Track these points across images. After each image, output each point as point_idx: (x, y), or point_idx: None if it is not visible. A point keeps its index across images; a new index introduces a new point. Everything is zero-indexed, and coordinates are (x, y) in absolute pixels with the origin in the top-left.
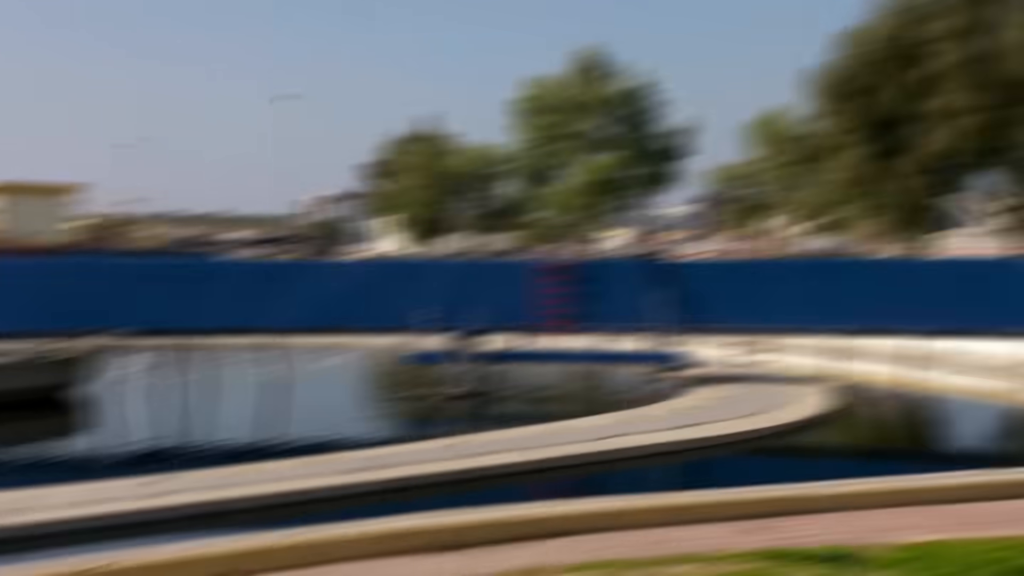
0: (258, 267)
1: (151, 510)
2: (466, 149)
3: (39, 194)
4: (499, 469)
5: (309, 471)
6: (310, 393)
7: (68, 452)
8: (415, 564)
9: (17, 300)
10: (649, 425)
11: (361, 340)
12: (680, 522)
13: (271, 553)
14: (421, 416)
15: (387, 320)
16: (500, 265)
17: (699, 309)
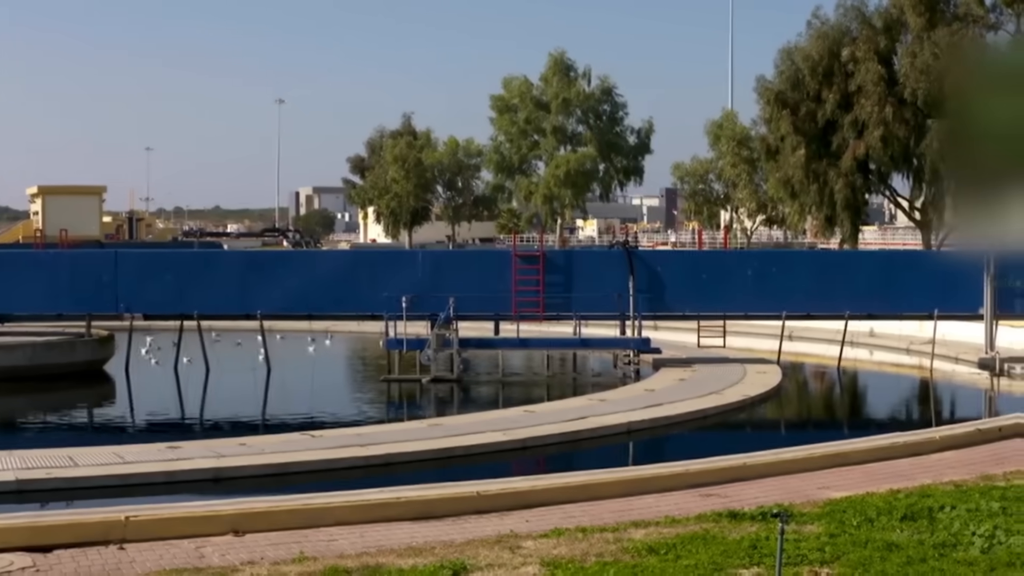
0: (251, 256)
1: (169, 472)
2: (444, 143)
3: (70, 194)
4: (481, 448)
5: (300, 445)
6: (300, 374)
7: (103, 417)
8: (391, 530)
9: (51, 286)
10: (617, 406)
11: (346, 326)
12: (642, 492)
13: (270, 515)
14: (404, 398)
15: (370, 306)
16: (476, 254)
17: (662, 297)
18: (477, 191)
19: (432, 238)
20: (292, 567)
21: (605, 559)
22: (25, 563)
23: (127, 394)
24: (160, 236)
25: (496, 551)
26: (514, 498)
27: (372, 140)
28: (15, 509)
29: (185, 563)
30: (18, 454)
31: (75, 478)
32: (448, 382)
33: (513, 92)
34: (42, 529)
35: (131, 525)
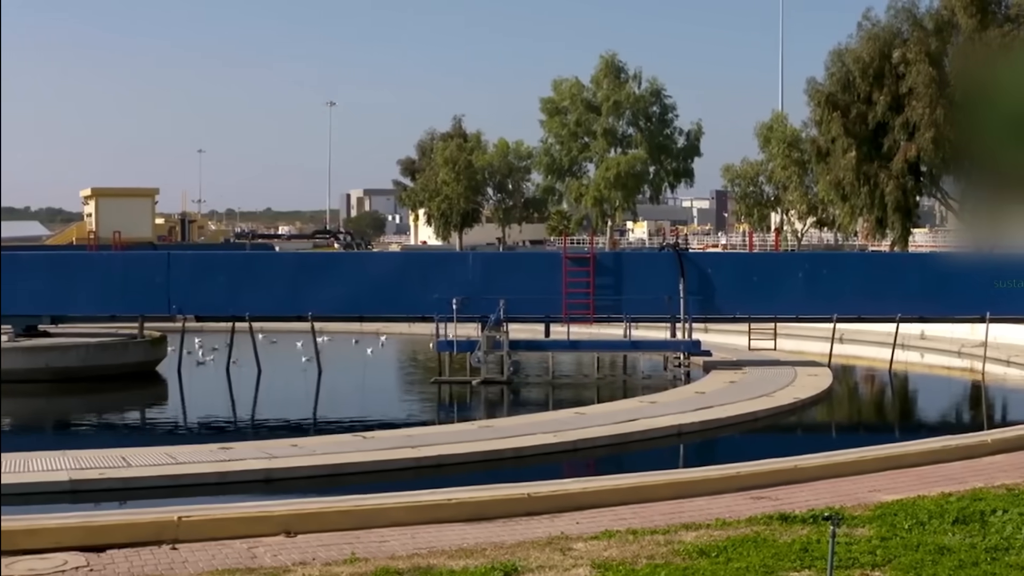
0: (302, 258)
1: (221, 473)
2: (494, 145)
3: (123, 196)
4: (531, 449)
5: (352, 447)
6: (351, 376)
7: (156, 418)
8: (442, 532)
9: (104, 287)
10: (668, 408)
11: (396, 327)
12: (692, 494)
13: (321, 516)
14: (454, 400)
15: (420, 308)
16: (527, 256)
17: (712, 299)
18: (527, 193)
19: (482, 240)
20: (344, 568)
21: (656, 561)
22: (79, 562)
23: (179, 395)
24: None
25: (547, 553)
26: (565, 500)
27: (423, 142)
28: (69, 509)
29: (237, 563)
30: (72, 454)
31: (128, 478)
32: (498, 384)
33: (563, 94)
34: (95, 529)
35: (184, 525)
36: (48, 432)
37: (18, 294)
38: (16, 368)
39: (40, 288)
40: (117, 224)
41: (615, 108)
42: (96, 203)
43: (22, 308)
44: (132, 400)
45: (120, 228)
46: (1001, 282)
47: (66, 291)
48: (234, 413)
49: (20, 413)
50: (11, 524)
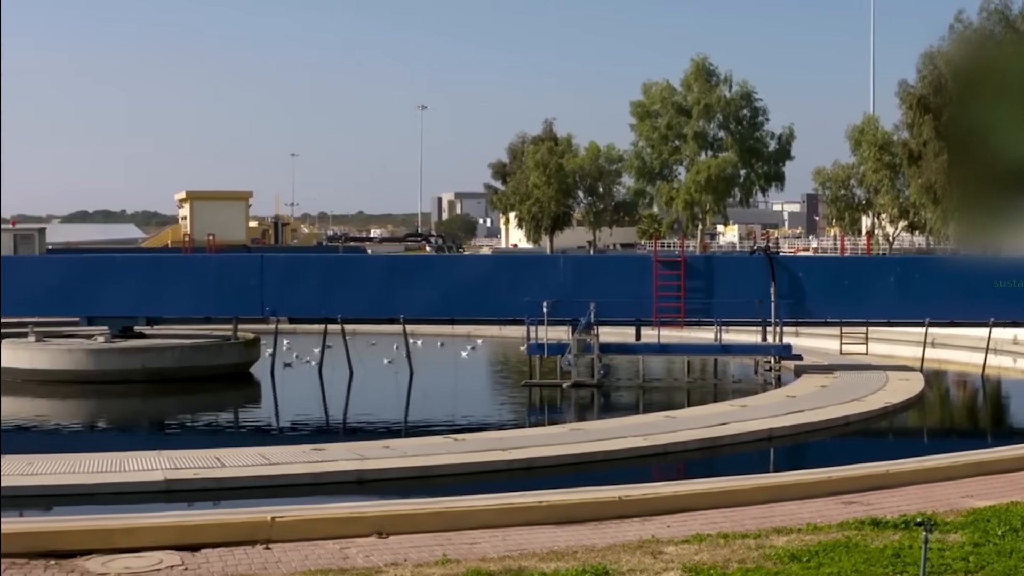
0: (393, 261)
1: (314, 474)
2: (585, 149)
3: (218, 200)
4: (622, 453)
5: (443, 448)
6: (442, 378)
7: (249, 419)
8: (533, 534)
9: (198, 289)
10: (758, 412)
11: (487, 330)
12: (783, 499)
13: (413, 517)
14: (545, 403)
15: (511, 311)
16: (617, 259)
17: (803, 302)
18: (618, 196)
19: (573, 243)
20: (435, 569)
21: (747, 566)
22: (174, 561)
23: (272, 396)
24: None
25: (638, 556)
26: (655, 503)
27: (514, 146)
28: (164, 508)
29: (330, 564)
30: (167, 454)
31: (222, 478)
32: (589, 387)
33: (654, 98)
34: (190, 528)
35: (277, 525)
36: (143, 432)
37: (114, 296)
38: (111, 369)
39: (135, 290)
40: (211, 227)
41: (706, 111)
42: (191, 206)
43: (118, 310)
44: (226, 401)
45: (214, 231)
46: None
47: (161, 293)
48: (326, 414)
49: (116, 413)
50: (108, 523)
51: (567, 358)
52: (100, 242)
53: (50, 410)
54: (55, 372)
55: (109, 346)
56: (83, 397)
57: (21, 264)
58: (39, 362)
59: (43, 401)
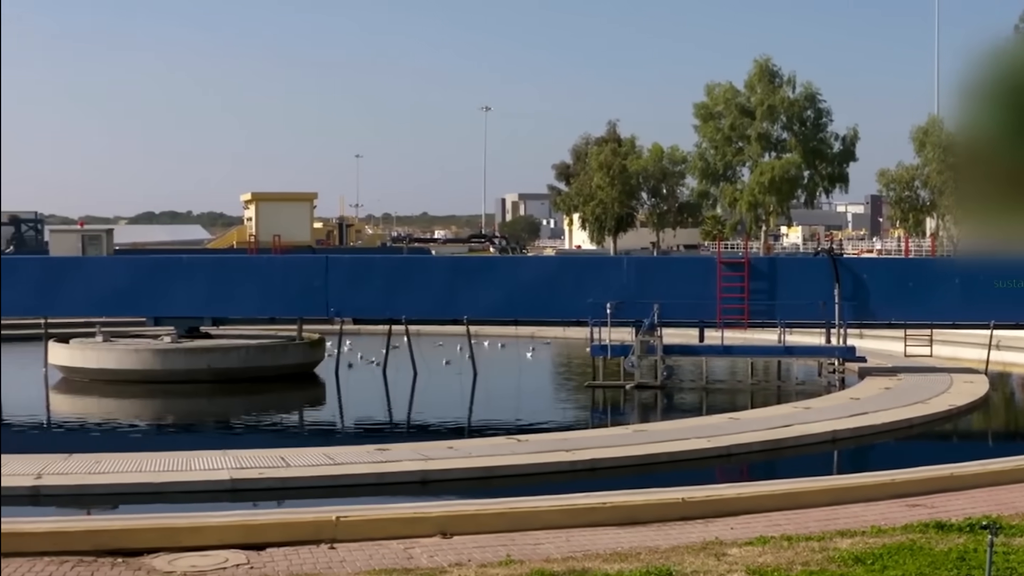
0: (457, 262)
1: (378, 474)
2: (648, 150)
3: (283, 201)
4: (685, 454)
5: (506, 449)
6: (506, 379)
7: (314, 419)
8: (596, 535)
9: (264, 290)
10: (822, 415)
11: (551, 331)
12: (847, 501)
13: (477, 518)
14: (608, 404)
15: (575, 312)
16: (681, 260)
17: (867, 304)
18: (682, 198)
19: (636, 244)
20: (499, 570)
21: (811, 568)
22: (239, 560)
23: (336, 396)
24: (369, 242)
25: (701, 558)
26: (719, 505)
27: (577, 147)
28: (229, 507)
29: (394, 563)
30: (232, 454)
31: (287, 478)
32: (652, 388)
33: (717, 99)
34: (256, 527)
35: (342, 525)
36: (209, 432)
37: (180, 296)
38: (178, 369)
39: (202, 290)
40: (277, 228)
41: (769, 112)
42: (256, 207)
43: (184, 310)
44: (291, 401)
45: (280, 232)
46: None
47: (227, 293)
48: (390, 415)
49: (182, 413)
50: (174, 521)
51: (630, 359)
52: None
53: (117, 409)
54: (122, 372)
55: (175, 346)
56: (150, 397)
57: (89, 265)
58: (106, 362)
59: (110, 400)
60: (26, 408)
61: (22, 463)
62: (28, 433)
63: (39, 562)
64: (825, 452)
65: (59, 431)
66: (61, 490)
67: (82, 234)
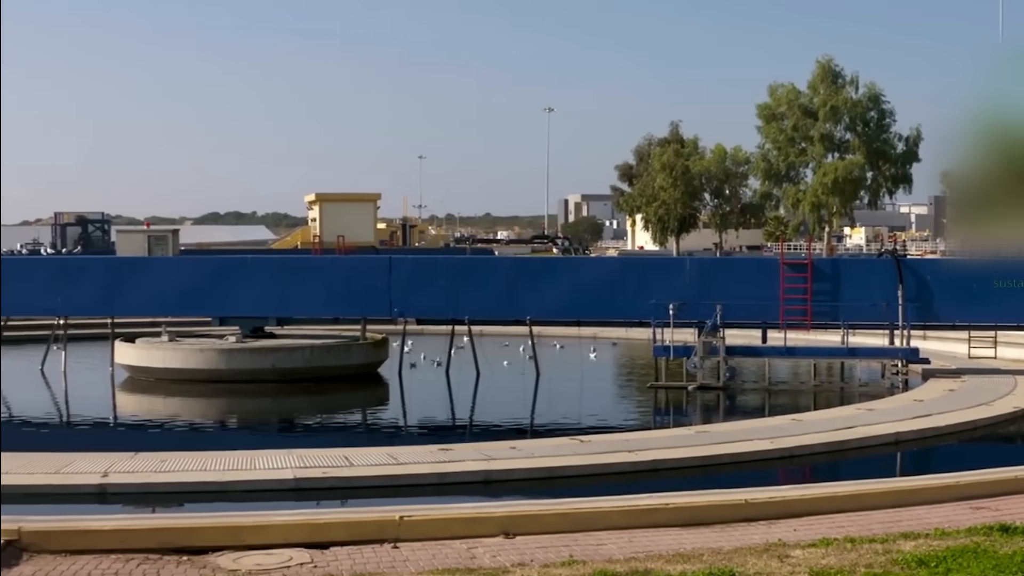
0: (520, 263)
1: (441, 474)
2: (711, 151)
3: (346, 201)
4: (747, 455)
5: (569, 450)
6: (568, 379)
7: (377, 419)
8: (659, 536)
9: (328, 290)
10: (885, 416)
11: (613, 332)
12: (911, 503)
13: (539, 518)
14: (670, 405)
15: (637, 313)
16: (743, 261)
17: (930, 306)
18: (744, 199)
19: (699, 245)
20: (562, 570)
21: (874, 570)
22: (303, 559)
23: (400, 396)
24: (432, 242)
25: (764, 559)
26: (782, 507)
27: (640, 148)
28: (293, 506)
29: (457, 563)
30: (296, 453)
31: (350, 477)
32: (714, 389)
33: (780, 100)
34: (320, 526)
35: (405, 525)
36: (273, 431)
37: (245, 296)
38: (243, 368)
39: (266, 291)
40: (340, 228)
41: (832, 113)
42: (320, 208)
43: (249, 310)
44: (354, 401)
45: (343, 232)
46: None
47: (291, 294)
48: (453, 415)
49: (247, 412)
50: (239, 520)
51: (693, 360)
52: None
53: (182, 409)
54: (188, 371)
55: (240, 346)
56: (215, 396)
57: (155, 265)
58: (172, 361)
59: (176, 400)
60: (93, 407)
61: (89, 461)
62: (95, 432)
63: (106, 559)
64: (888, 454)
65: (125, 430)
66: (127, 488)
67: (148, 235)
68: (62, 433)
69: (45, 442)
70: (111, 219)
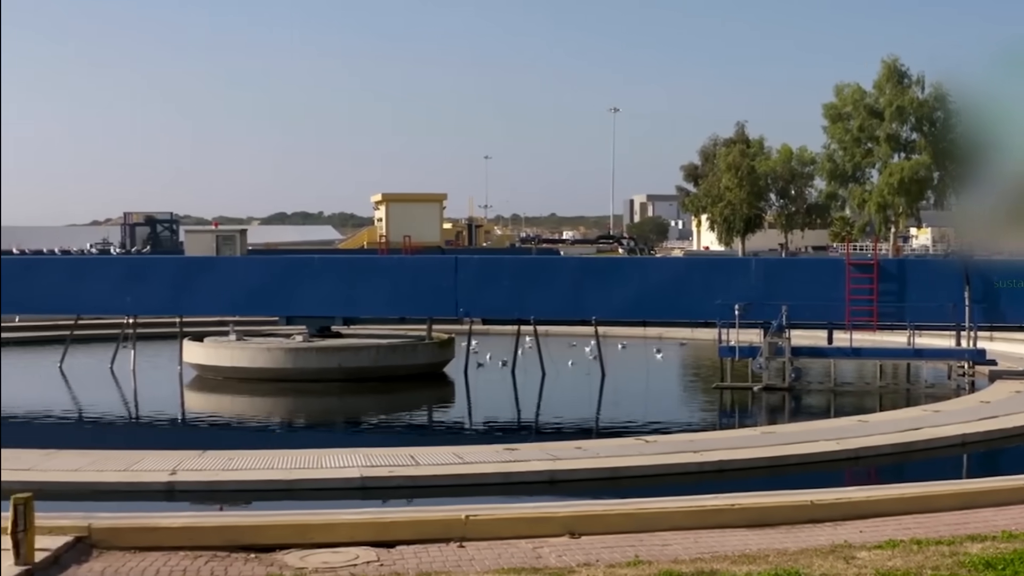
0: (586, 263)
1: (506, 473)
2: (777, 151)
3: (413, 202)
4: (813, 457)
5: (634, 450)
6: (633, 380)
7: (443, 418)
8: (724, 537)
9: (394, 290)
10: (952, 418)
11: (678, 332)
12: (978, 505)
13: (605, 518)
14: (736, 405)
15: (703, 313)
16: (809, 262)
17: (998, 307)
18: (810, 199)
19: (764, 246)
20: (627, 570)
21: (940, 573)
22: (370, 557)
23: (465, 396)
24: (498, 242)
25: (830, 561)
26: (848, 508)
27: (705, 148)
28: (360, 505)
29: (523, 563)
30: (363, 452)
31: (416, 476)
32: (780, 390)
33: (845, 100)
34: (386, 525)
35: (471, 524)
36: (340, 430)
37: (312, 296)
38: (309, 367)
39: (333, 290)
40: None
41: (898, 113)
42: (387, 208)
43: (316, 309)
44: (420, 400)
45: (410, 232)
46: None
47: (358, 293)
48: (519, 414)
49: (313, 411)
50: (306, 518)
51: (758, 361)
52: (298, 243)
53: (250, 407)
54: (255, 370)
55: (307, 345)
56: (281, 395)
57: (223, 265)
58: (240, 360)
59: (243, 398)
60: (161, 405)
61: (157, 459)
62: (163, 430)
63: (174, 556)
64: (955, 456)
65: (193, 428)
66: (195, 486)
67: (216, 234)
68: (131, 431)
69: (114, 440)
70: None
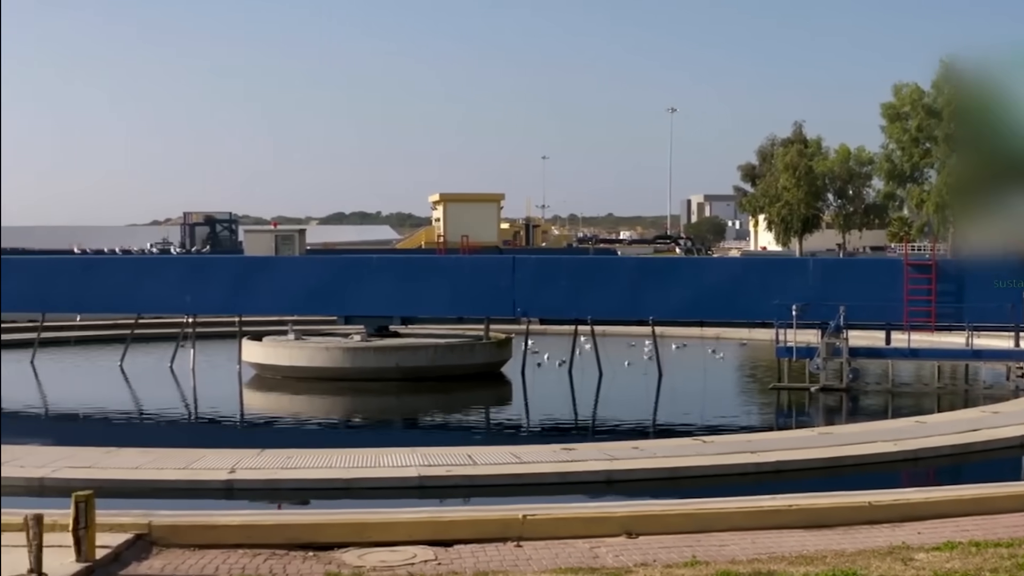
0: (643, 263)
1: (563, 473)
2: (835, 151)
3: (470, 202)
4: (871, 458)
5: (691, 450)
6: (691, 380)
7: (500, 418)
8: (782, 538)
9: (452, 290)
10: (1011, 419)
11: (735, 332)
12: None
13: (662, 518)
14: (793, 406)
15: (760, 314)
16: (867, 262)
17: None
18: (868, 199)
19: (822, 246)
20: (685, 570)
21: (999, 575)
22: (427, 556)
23: (523, 396)
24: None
25: (888, 562)
26: (906, 509)
27: (763, 148)
28: (417, 504)
29: (580, 562)
30: (420, 451)
31: (473, 476)
32: (837, 391)
33: (904, 100)
34: (444, 524)
35: (528, 523)
36: (398, 429)
37: (370, 296)
38: (367, 367)
39: (391, 290)
40: (464, 228)
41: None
42: (444, 208)
43: (374, 309)
44: (478, 400)
45: (467, 232)
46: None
47: (415, 293)
48: (576, 414)
49: (371, 410)
50: (364, 517)
51: (816, 361)
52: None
53: (308, 406)
54: (313, 369)
55: (365, 345)
56: (340, 394)
57: (282, 265)
58: (298, 359)
59: (301, 398)
60: (220, 404)
61: (217, 458)
62: (222, 429)
63: (233, 554)
64: (1014, 457)
65: (252, 427)
66: (254, 484)
67: (275, 234)
68: (191, 430)
69: (174, 438)
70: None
